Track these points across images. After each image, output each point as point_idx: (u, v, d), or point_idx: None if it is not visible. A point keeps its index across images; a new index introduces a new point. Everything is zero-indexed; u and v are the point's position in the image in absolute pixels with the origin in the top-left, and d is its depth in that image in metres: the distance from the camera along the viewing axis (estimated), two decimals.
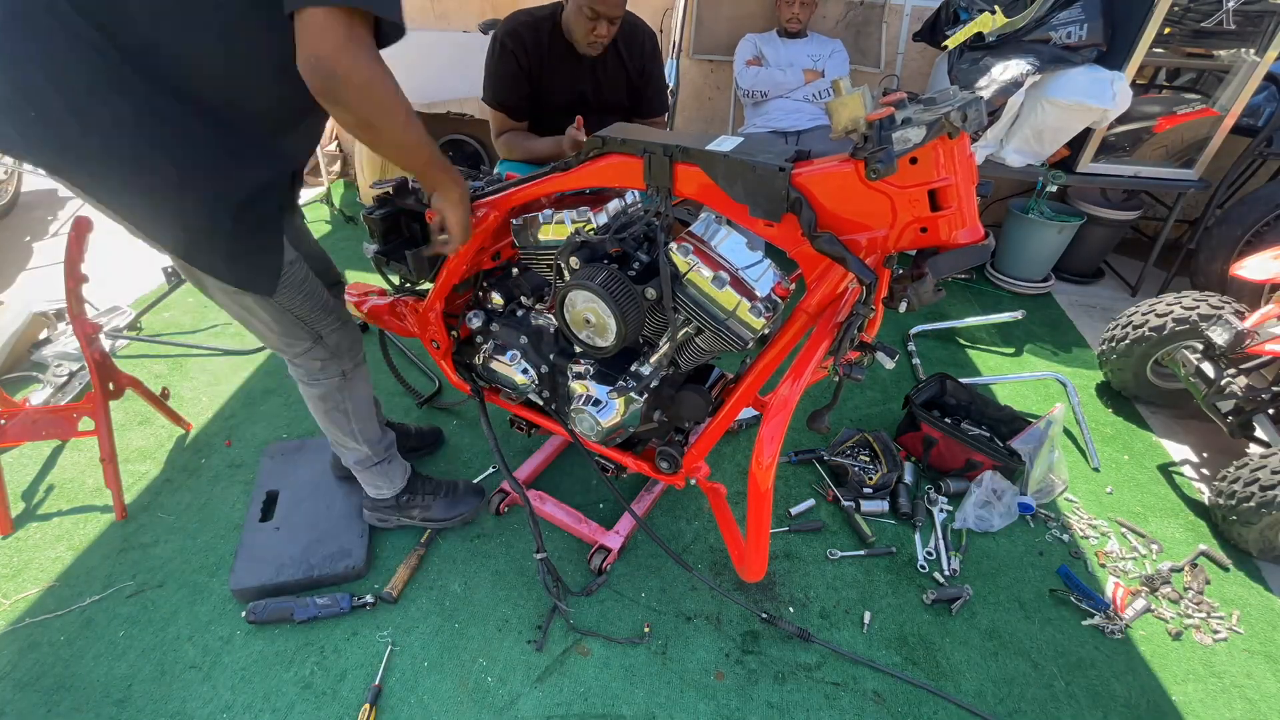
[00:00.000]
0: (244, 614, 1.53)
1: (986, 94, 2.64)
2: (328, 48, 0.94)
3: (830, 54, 3.05)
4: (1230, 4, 2.56)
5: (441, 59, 3.26)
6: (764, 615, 1.59)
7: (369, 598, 1.58)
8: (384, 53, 1.03)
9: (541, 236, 1.36)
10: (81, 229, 1.67)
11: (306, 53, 0.95)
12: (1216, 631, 1.66)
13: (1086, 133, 2.86)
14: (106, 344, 2.11)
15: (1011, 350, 2.78)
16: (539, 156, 1.96)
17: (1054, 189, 2.94)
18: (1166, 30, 2.63)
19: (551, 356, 1.49)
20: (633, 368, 1.37)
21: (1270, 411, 1.96)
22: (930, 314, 2.90)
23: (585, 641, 1.55)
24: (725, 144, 1.11)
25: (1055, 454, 2.00)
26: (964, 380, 2.31)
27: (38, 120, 0.98)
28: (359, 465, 1.65)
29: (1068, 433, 2.30)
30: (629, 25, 1.99)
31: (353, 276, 3.05)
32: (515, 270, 1.53)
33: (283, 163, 1.23)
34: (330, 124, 4.15)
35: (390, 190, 1.48)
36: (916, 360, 2.61)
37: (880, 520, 1.90)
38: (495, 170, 2.00)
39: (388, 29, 1.01)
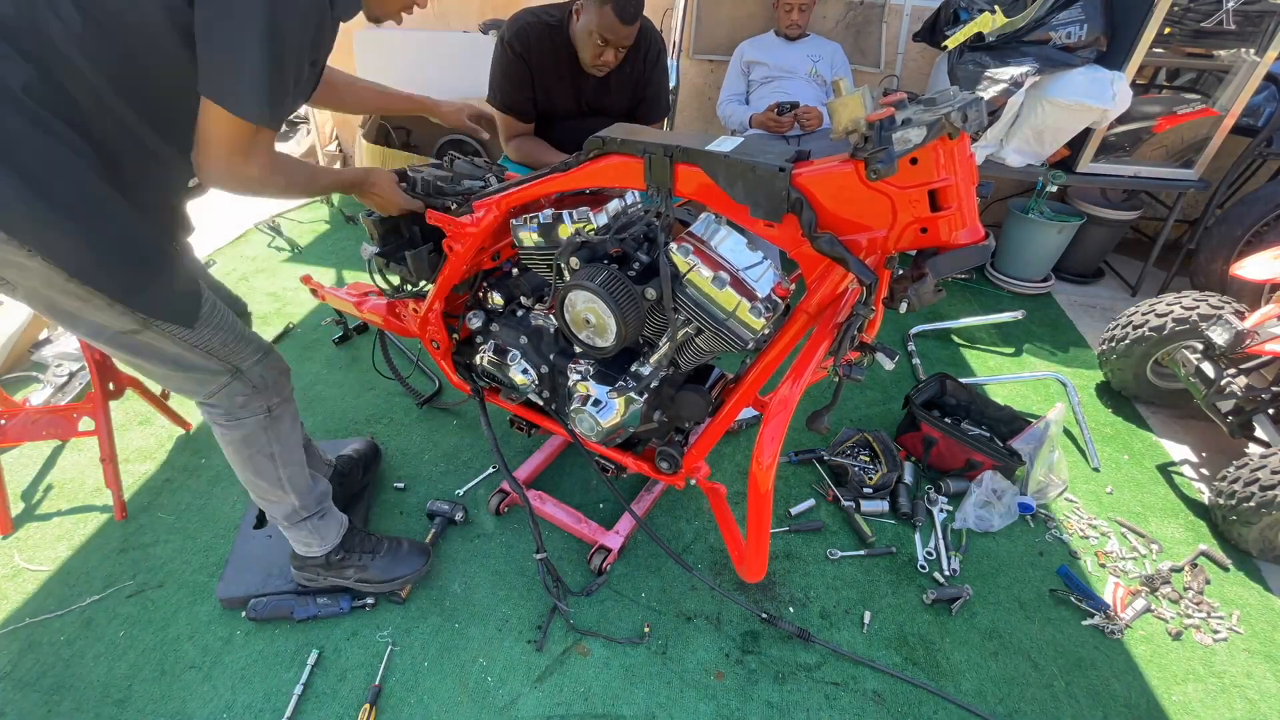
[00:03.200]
0: (244, 612, 1.53)
1: (986, 94, 2.64)
2: (225, 158, 1.02)
3: (830, 55, 3.05)
4: (1230, 4, 2.56)
5: (441, 59, 3.26)
6: (764, 615, 1.59)
7: (369, 598, 1.58)
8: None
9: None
10: None
11: (211, 156, 1.01)
12: (1216, 631, 1.66)
13: (1086, 133, 2.86)
14: None
15: (1011, 350, 2.78)
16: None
17: (1054, 189, 2.94)
18: (1166, 30, 2.63)
19: (551, 356, 1.49)
20: (633, 368, 1.37)
21: (1270, 411, 1.96)
22: (930, 314, 2.90)
23: (585, 641, 1.55)
24: (725, 144, 1.11)
25: (1055, 454, 2.00)
26: (964, 380, 2.31)
27: None
28: (287, 520, 1.45)
29: (1068, 433, 2.30)
30: (640, 30, 1.87)
31: (353, 276, 3.06)
32: (515, 270, 1.53)
33: (187, 183, 1.20)
34: (328, 124, 4.15)
35: None
36: (916, 360, 2.61)
37: (880, 520, 1.90)
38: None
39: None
